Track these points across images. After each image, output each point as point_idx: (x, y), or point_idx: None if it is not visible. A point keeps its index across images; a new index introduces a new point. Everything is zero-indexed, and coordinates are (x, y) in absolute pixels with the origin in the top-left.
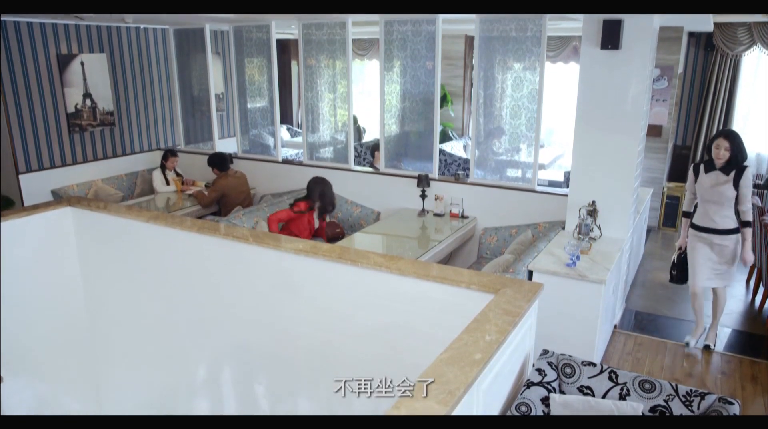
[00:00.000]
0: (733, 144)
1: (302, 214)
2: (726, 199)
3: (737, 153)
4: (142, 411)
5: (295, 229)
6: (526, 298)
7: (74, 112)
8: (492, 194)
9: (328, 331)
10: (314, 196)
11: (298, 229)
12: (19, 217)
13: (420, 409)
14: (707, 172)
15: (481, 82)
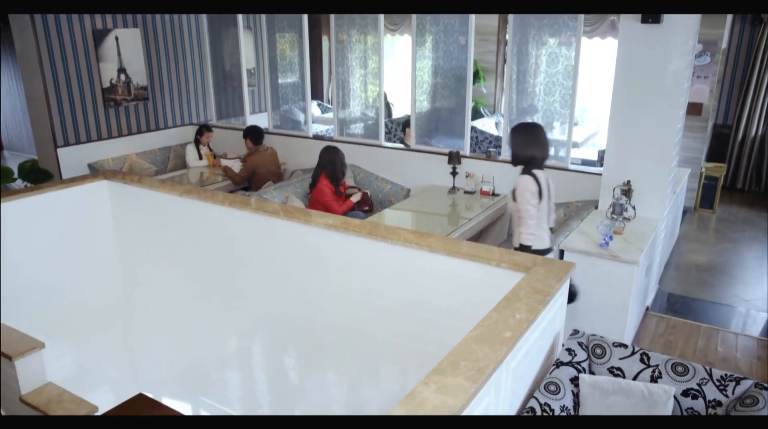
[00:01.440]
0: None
1: (325, 187)
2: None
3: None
4: (176, 380)
5: (322, 197)
6: (557, 278)
7: (109, 87)
8: None
9: (357, 307)
10: (324, 164)
11: (326, 197)
12: (58, 189)
13: (450, 386)
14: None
15: (515, 57)
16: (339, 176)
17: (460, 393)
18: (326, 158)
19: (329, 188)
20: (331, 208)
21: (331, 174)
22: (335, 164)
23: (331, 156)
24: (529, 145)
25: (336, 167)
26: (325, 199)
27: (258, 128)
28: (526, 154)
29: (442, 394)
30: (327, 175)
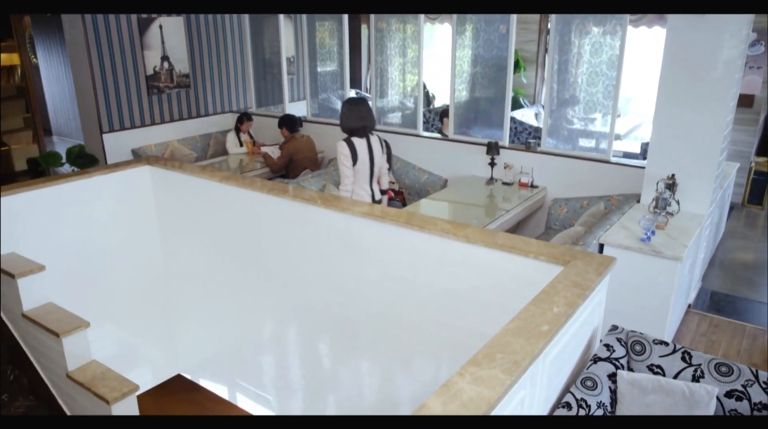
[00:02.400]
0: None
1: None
2: None
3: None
4: (213, 362)
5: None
6: (597, 272)
7: (152, 75)
8: (564, 164)
9: (392, 295)
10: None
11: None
12: (103, 173)
13: (485, 378)
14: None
15: (557, 47)
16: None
17: (496, 385)
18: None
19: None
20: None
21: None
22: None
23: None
24: (352, 118)
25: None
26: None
27: (293, 116)
28: (350, 125)
29: (477, 385)
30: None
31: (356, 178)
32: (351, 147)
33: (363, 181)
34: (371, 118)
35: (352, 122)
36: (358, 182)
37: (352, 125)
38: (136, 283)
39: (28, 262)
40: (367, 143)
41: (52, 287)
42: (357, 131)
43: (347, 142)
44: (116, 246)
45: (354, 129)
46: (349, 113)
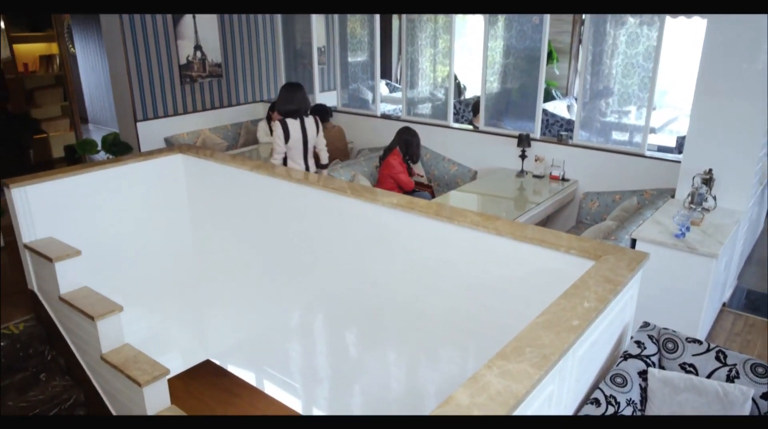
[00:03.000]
0: None
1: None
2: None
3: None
4: (241, 349)
5: (392, 170)
6: (629, 268)
7: (186, 64)
8: (596, 157)
9: (420, 287)
10: (400, 141)
11: (395, 170)
12: (137, 161)
13: (514, 371)
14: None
15: (592, 37)
16: (413, 158)
17: (525, 379)
18: (402, 137)
19: (400, 163)
20: (402, 181)
21: (405, 152)
22: (411, 144)
23: (409, 136)
24: (288, 102)
25: (411, 147)
26: (394, 171)
27: (324, 106)
28: (285, 108)
29: (505, 379)
30: (400, 151)
31: (290, 154)
32: (285, 128)
33: (297, 156)
34: (306, 103)
35: (287, 106)
36: (292, 157)
37: (287, 108)
38: (168, 268)
39: (65, 246)
40: (301, 124)
41: (88, 271)
42: (291, 113)
43: (282, 122)
44: (149, 232)
45: (288, 111)
46: (286, 98)
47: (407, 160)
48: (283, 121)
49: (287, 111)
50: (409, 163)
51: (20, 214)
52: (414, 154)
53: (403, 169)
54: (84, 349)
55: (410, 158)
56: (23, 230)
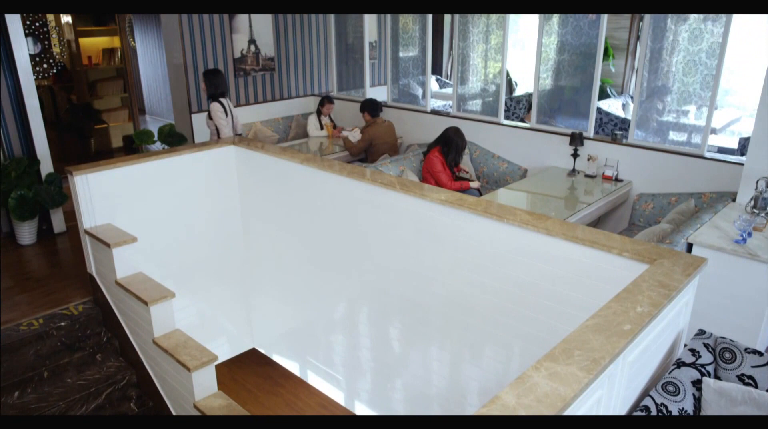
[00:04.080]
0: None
1: (435, 158)
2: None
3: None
4: (287, 339)
5: (432, 167)
6: (685, 272)
7: (240, 58)
8: (652, 158)
9: (466, 284)
10: (443, 139)
11: (435, 168)
12: (192, 152)
13: (562, 374)
14: None
15: (651, 33)
16: (453, 159)
17: (573, 382)
18: (447, 136)
19: (440, 161)
20: (440, 180)
21: (445, 151)
22: (453, 144)
23: (453, 136)
24: (214, 86)
25: (451, 146)
26: (434, 169)
27: (375, 101)
28: (214, 91)
29: (553, 381)
30: (441, 150)
31: (225, 130)
32: (222, 105)
33: (228, 131)
34: (225, 85)
35: (215, 89)
36: (225, 133)
37: (216, 91)
38: (218, 257)
39: (122, 233)
40: (228, 102)
41: (142, 258)
42: (220, 95)
43: (218, 102)
44: (200, 221)
45: (217, 93)
46: (211, 83)
47: (447, 158)
48: (218, 101)
49: (216, 93)
50: (449, 161)
51: (82, 200)
52: (454, 152)
53: (443, 168)
54: (137, 332)
55: (450, 157)
56: (84, 216)
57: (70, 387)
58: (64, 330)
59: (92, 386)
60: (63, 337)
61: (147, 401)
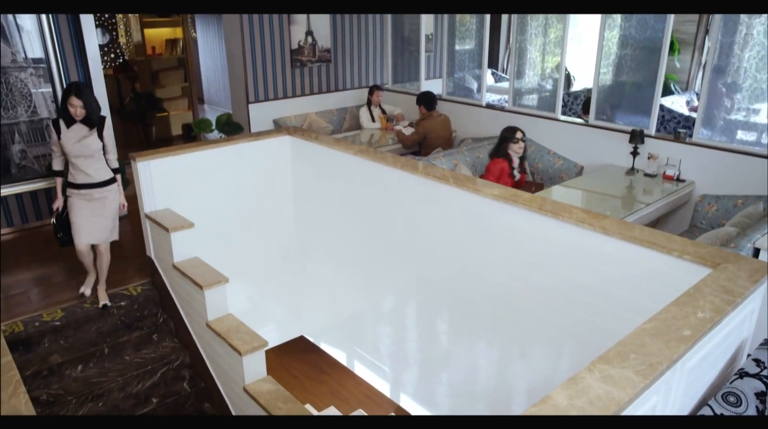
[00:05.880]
0: (85, 100)
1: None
2: (94, 150)
3: (90, 107)
4: (334, 328)
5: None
6: (751, 279)
7: (297, 49)
8: (717, 157)
9: (517, 281)
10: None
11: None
12: (248, 141)
13: (616, 377)
14: (69, 127)
15: (721, 27)
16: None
17: (628, 386)
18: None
19: (499, 169)
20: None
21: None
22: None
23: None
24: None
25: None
26: (490, 178)
27: (431, 94)
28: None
29: (606, 384)
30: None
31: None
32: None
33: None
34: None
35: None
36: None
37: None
38: (270, 245)
39: (180, 218)
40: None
41: (199, 243)
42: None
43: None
44: (255, 209)
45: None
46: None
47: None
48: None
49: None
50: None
51: (143, 185)
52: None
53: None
54: (191, 315)
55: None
56: (145, 201)
57: (128, 364)
58: (123, 309)
59: (148, 364)
60: (123, 317)
61: (199, 382)
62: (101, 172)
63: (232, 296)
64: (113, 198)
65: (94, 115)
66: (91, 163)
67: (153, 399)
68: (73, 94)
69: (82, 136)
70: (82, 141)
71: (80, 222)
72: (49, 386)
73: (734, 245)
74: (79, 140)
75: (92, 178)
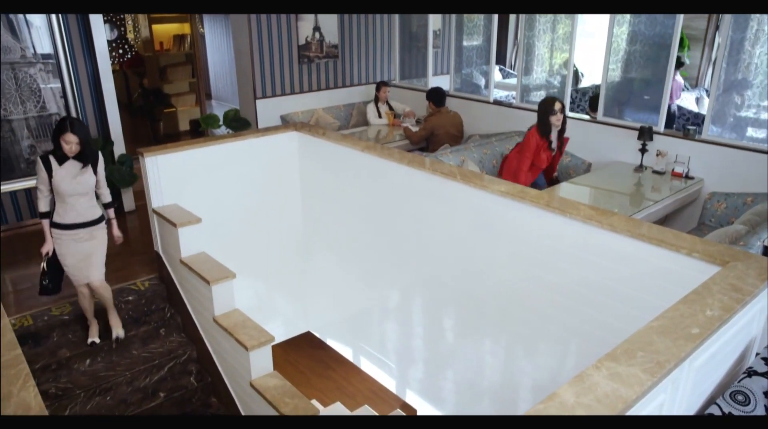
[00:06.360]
0: (81, 136)
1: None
2: (89, 188)
3: (86, 143)
4: (341, 324)
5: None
6: (760, 277)
7: (304, 44)
8: (727, 155)
9: (524, 278)
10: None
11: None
12: (255, 137)
13: (623, 375)
14: (61, 164)
15: (732, 23)
16: (543, 130)
17: (635, 384)
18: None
19: (536, 140)
20: (523, 159)
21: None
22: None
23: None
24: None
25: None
26: (526, 145)
27: (441, 90)
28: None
29: (614, 381)
30: (538, 128)
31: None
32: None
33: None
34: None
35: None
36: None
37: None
38: (277, 241)
39: (187, 213)
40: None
41: (206, 238)
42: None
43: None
44: (262, 205)
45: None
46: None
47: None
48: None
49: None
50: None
51: (151, 180)
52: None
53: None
54: (199, 310)
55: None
56: (153, 196)
57: (135, 358)
58: (131, 304)
59: (156, 359)
60: (130, 311)
61: (206, 377)
62: (92, 210)
63: (239, 291)
64: (102, 237)
65: (89, 151)
66: (84, 202)
67: (160, 393)
68: (69, 130)
69: (77, 173)
70: (77, 178)
71: (73, 263)
72: (57, 380)
73: (743, 243)
74: (74, 177)
75: (83, 217)
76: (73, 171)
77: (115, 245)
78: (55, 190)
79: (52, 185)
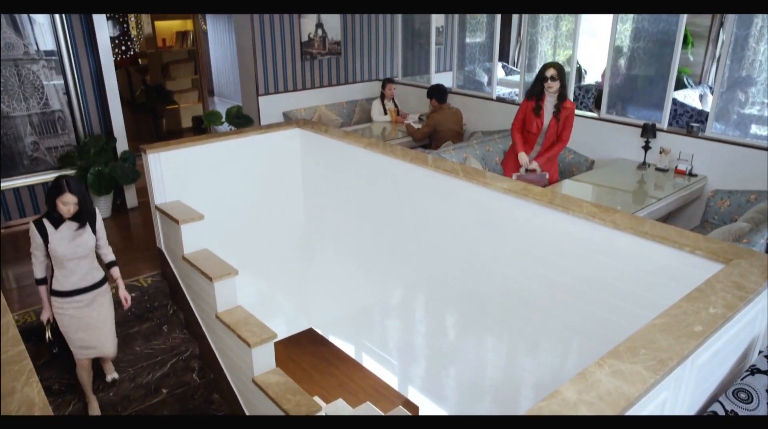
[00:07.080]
0: (80, 195)
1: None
2: (89, 249)
3: (85, 202)
4: (343, 321)
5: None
6: (764, 275)
7: (307, 41)
8: (731, 152)
9: (527, 275)
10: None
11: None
12: (258, 134)
13: (626, 372)
14: (57, 227)
15: (736, 20)
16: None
17: (638, 381)
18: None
19: (525, 101)
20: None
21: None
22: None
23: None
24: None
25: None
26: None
27: (443, 87)
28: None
29: (616, 379)
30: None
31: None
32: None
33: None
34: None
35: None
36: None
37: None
38: (279, 238)
39: (190, 210)
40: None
41: (208, 235)
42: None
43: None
44: (264, 202)
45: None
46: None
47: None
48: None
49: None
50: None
51: (154, 177)
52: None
53: (522, 113)
54: (201, 306)
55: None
56: (155, 193)
57: (138, 355)
58: (134, 301)
59: (158, 355)
60: (133, 308)
61: (208, 373)
62: (94, 272)
63: (241, 288)
64: (108, 303)
65: (87, 210)
66: (85, 264)
67: (163, 389)
68: (67, 190)
69: (75, 235)
70: (75, 240)
71: (82, 338)
72: (61, 376)
73: (747, 241)
74: (72, 240)
75: (85, 282)
76: (71, 233)
77: (123, 309)
78: (53, 256)
79: (49, 251)
